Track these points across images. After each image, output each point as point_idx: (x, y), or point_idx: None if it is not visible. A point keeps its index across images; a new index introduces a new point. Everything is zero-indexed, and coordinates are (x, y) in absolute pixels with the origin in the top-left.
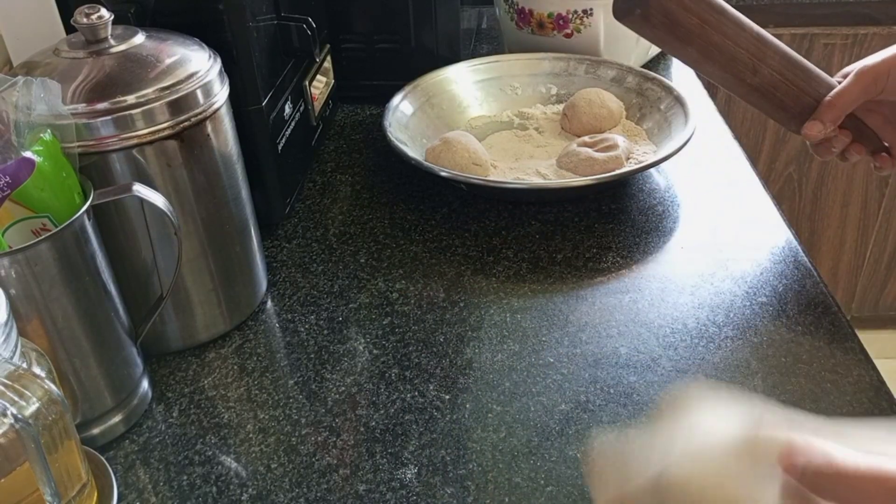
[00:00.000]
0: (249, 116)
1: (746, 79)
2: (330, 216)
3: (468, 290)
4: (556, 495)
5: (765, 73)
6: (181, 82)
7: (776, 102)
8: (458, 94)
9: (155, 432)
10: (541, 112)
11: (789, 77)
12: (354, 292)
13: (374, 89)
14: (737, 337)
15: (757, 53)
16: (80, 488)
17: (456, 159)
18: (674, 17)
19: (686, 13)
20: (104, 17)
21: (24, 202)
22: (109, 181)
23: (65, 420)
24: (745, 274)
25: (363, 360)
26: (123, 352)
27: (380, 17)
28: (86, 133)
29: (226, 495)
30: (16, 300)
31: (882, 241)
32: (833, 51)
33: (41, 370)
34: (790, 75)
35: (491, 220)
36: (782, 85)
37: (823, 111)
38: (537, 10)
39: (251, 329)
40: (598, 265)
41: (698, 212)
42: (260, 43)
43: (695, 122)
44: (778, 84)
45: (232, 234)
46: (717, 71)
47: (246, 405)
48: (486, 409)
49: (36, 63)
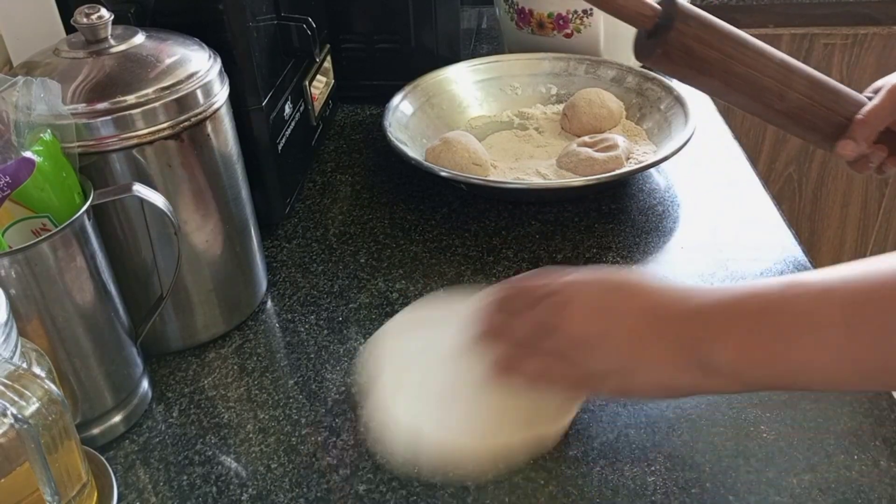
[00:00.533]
0: (249, 116)
1: (774, 105)
2: (330, 216)
3: (468, 290)
4: (556, 495)
5: (792, 98)
6: (181, 82)
7: (806, 125)
8: (458, 94)
9: (155, 432)
10: (541, 112)
11: (818, 99)
12: (354, 292)
13: (374, 89)
14: None
15: (783, 80)
16: (80, 488)
17: (456, 159)
18: (694, 53)
19: (706, 48)
20: (104, 17)
21: (24, 202)
22: (109, 181)
23: (65, 420)
24: (745, 274)
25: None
26: (123, 352)
27: (380, 17)
28: (86, 133)
29: (226, 495)
30: (16, 300)
31: (882, 241)
32: (833, 51)
33: (41, 370)
34: (818, 97)
35: (491, 220)
36: (811, 107)
37: (856, 129)
38: (537, 10)
39: (251, 329)
40: (598, 265)
41: (698, 212)
42: (260, 43)
43: (695, 122)
44: (806, 107)
45: (232, 234)
46: (744, 100)
47: (246, 405)
48: None
49: (36, 63)
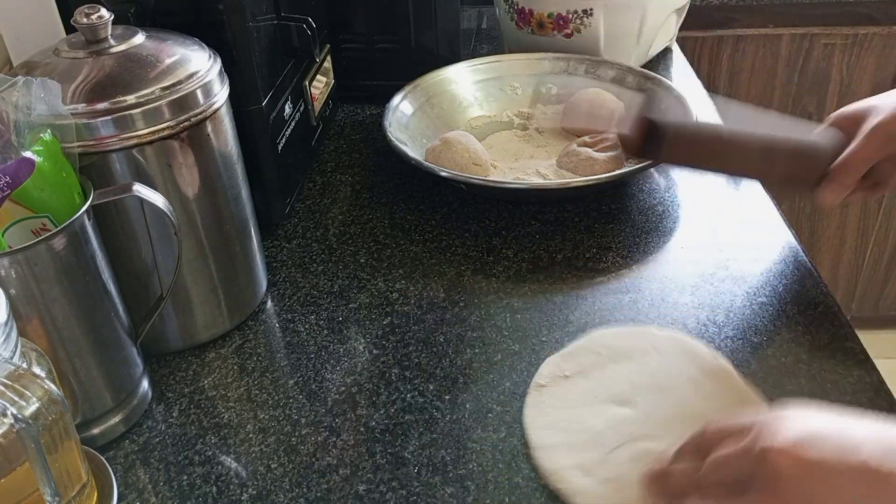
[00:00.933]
0: (249, 116)
1: (760, 178)
2: (330, 216)
3: (468, 290)
4: (556, 495)
5: (778, 171)
6: (181, 82)
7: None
8: (458, 94)
9: (155, 432)
10: (541, 112)
11: (803, 162)
12: (354, 292)
13: (374, 89)
14: (737, 337)
15: (766, 162)
16: (80, 488)
17: (456, 159)
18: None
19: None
20: (104, 17)
21: (24, 202)
22: (109, 181)
23: (65, 420)
24: (745, 274)
25: (363, 360)
26: (123, 352)
27: (380, 17)
28: (86, 133)
29: (226, 495)
30: (16, 300)
31: (882, 241)
32: (833, 51)
33: (41, 370)
34: (804, 161)
35: (491, 220)
36: (798, 171)
37: (839, 174)
38: (537, 10)
39: (251, 329)
40: (598, 265)
41: (698, 212)
42: (260, 43)
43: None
44: (794, 173)
45: (232, 234)
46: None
47: (246, 405)
48: (486, 409)
49: (36, 63)
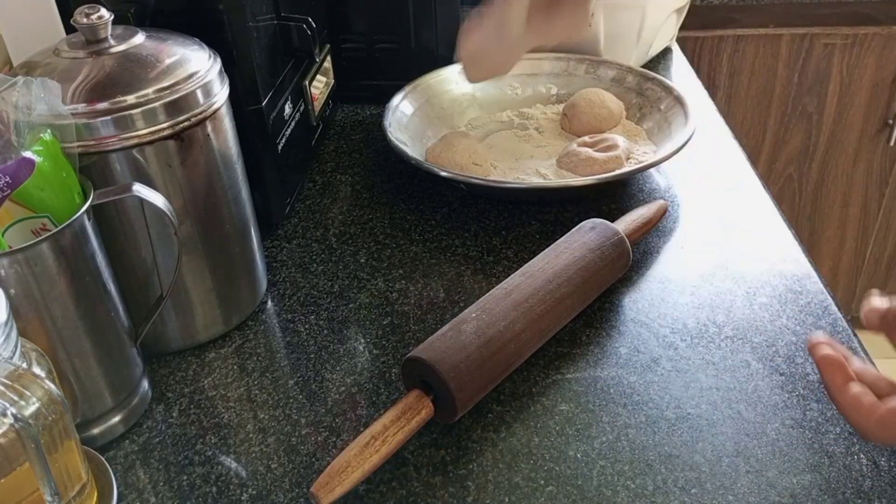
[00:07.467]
0: (249, 116)
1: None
2: (330, 216)
3: (468, 290)
4: (556, 495)
5: None
6: (181, 82)
7: None
8: (458, 94)
9: (155, 432)
10: (541, 112)
11: None
12: (354, 292)
13: (374, 89)
14: (737, 337)
15: None
16: (80, 488)
17: (456, 159)
18: None
19: None
20: (104, 17)
21: (24, 202)
22: (109, 181)
23: (65, 420)
24: (745, 274)
25: (363, 360)
26: (123, 352)
27: (380, 17)
28: (86, 133)
29: (226, 495)
30: (16, 300)
31: (882, 241)
32: (833, 51)
33: (41, 370)
34: None
35: (491, 220)
36: None
37: None
38: None
39: (251, 329)
40: None
41: (698, 212)
42: (260, 43)
43: (695, 122)
44: None
45: (232, 234)
46: None
47: (246, 405)
48: (486, 409)
49: (36, 63)
